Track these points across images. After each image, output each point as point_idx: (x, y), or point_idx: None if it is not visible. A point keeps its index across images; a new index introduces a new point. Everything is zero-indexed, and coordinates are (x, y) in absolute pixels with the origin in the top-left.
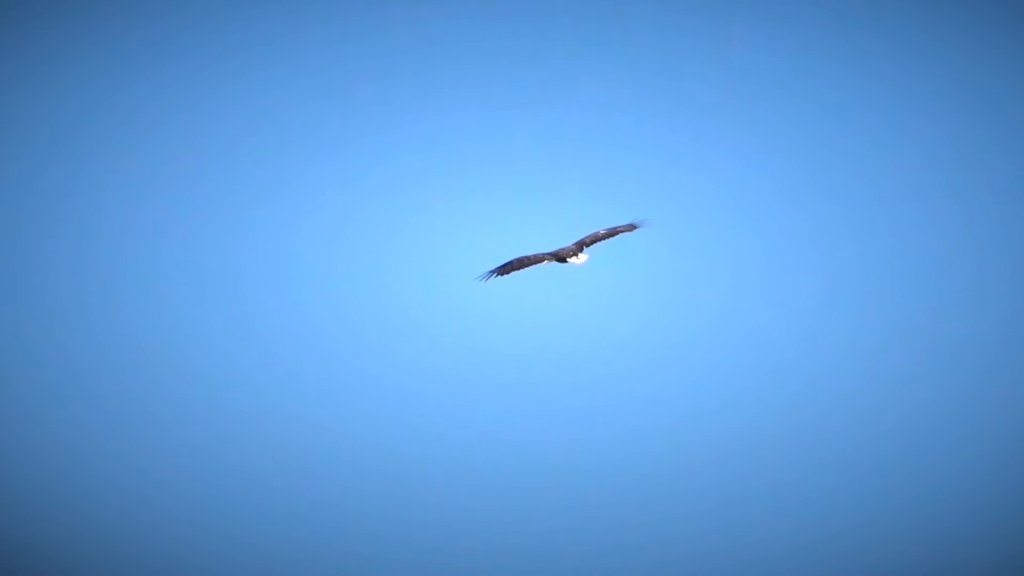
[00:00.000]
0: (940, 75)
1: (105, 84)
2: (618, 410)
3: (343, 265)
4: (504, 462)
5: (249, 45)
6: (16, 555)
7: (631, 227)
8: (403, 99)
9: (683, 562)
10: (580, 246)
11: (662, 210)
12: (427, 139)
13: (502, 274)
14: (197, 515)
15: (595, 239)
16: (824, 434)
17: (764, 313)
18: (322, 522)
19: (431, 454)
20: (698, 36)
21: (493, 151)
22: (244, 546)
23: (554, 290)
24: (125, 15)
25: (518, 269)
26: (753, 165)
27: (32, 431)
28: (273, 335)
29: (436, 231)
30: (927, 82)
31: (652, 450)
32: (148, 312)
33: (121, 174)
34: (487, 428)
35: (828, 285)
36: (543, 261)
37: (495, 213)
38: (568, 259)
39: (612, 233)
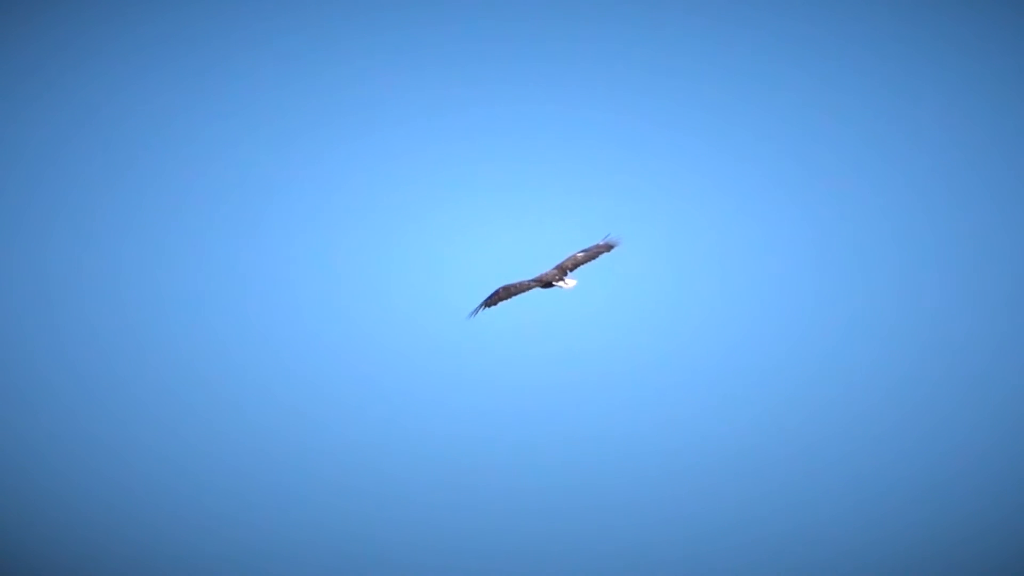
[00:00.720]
0: (921, 74)
1: (104, 85)
2: (613, 412)
3: (343, 270)
4: (503, 463)
5: (249, 49)
6: (16, 555)
7: (608, 247)
8: (401, 104)
9: (680, 563)
10: (562, 271)
11: (656, 211)
12: (424, 142)
13: (489, 306)
14: (203, 516)
15: (575, 263)
16: (818, 436)
17: (754, 315)
18: (321, 523)
19: (430, 455)
20: (689, 38)
21: (490, 155)
22: (247, 548)
23: (551, 294)
24: (123, 16)
25: (505, 299)
26: (742, 167)
27: (32, 433)
28: (275, 339)
29: (433, 235)
30: (915, 83)
31: (648, 451)
32: (150, 316)
33: (122, 177)
34: (485, 429)
35: (820, 286)
36: (529, 288)
37: (493, 216)
38: (555, 283)
39: (590, 256)
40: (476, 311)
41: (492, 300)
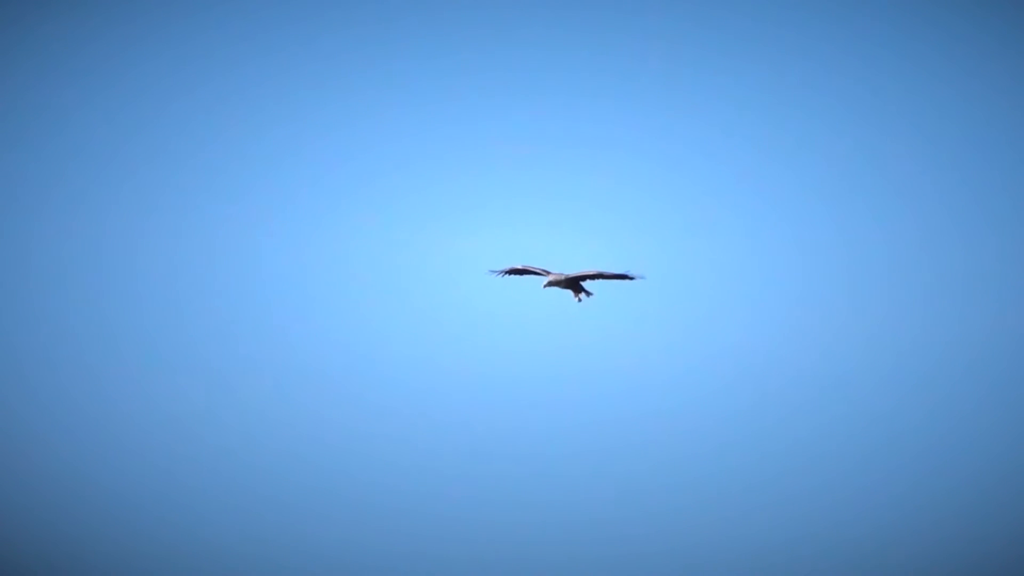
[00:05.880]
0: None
1: (108, 87)
2: (617, 408)
3: (355, 265)
4: (507, 460)
5: (254, 50)
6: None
7: (629, 277)
8: (415, 104)
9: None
10: (575, 280)
11: (668, 217)
12: (439, 143)
13: (508, 274)
14: (217, 512)
15: (591, 276)
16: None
17: (761, 319)
18: (329, 519)
19: (439, 448)
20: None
21: (502, 155)
22: (260, 543)
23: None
24: (127, 21)
25: (520, 274)
26: (756, 175)
27: (35, 436)
28: (289, 337)
29: (446, 233)
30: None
31: (648, 446)
32: (170, 315)
33: (130, 181)
34: (490, 423)
35: (820, 292)
36: (542, 276)
37: (501, 215)
38: (572, 291)
39: (607, 276)
40: (496, 272)
41: (510, 271)
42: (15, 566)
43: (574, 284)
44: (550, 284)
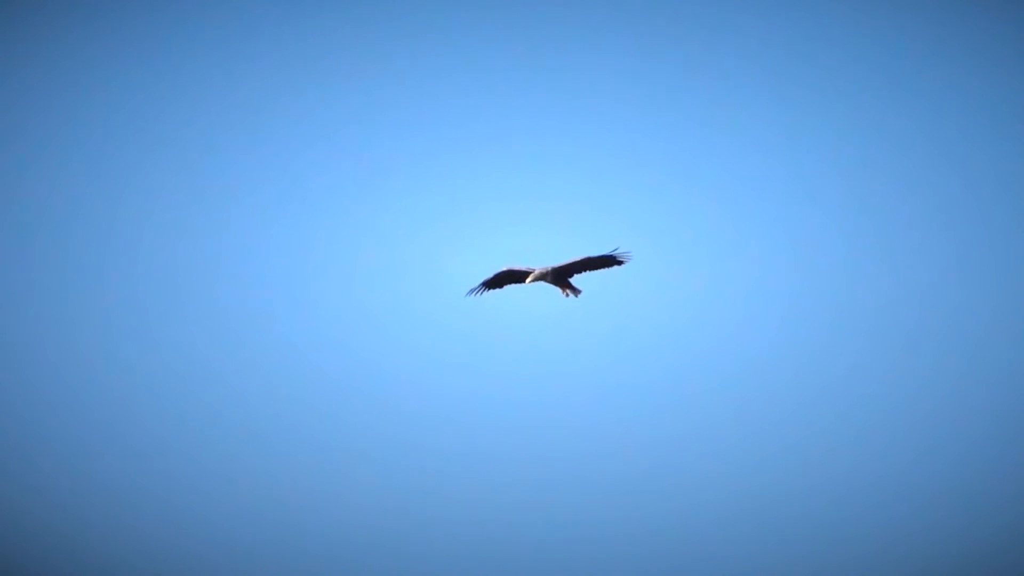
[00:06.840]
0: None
1: (108, 86)
2: (614, 406)
3: (353, 265)
4: (507, 457)
5: (255, 51)
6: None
7: (616, 260)
8: (412, 104)
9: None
10: (560, 273)
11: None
12: (436, 143)
13: (489, 287)
14: (214, 512)
15: (577, 268)
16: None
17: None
18: (330, 517)
19: (438, 447)
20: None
21: (497, 155)
22: (254, 543)
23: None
24: (126, 20)
25: (505, 283)
26: (750, 174)
27: (34, 436)
28: (289, 337)
29: (442, 233)
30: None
31: (648, 446)
32: (170, 316)
33: (130, 180)
34: (491, 421)
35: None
36: (528, 277)
37: (499, 216)
38: (560, 288)
39: (595, 264)
40: (475, 291)
41: (492, 282)
42: (15, 566)
43: (561, 279)
44: (536, 279)
